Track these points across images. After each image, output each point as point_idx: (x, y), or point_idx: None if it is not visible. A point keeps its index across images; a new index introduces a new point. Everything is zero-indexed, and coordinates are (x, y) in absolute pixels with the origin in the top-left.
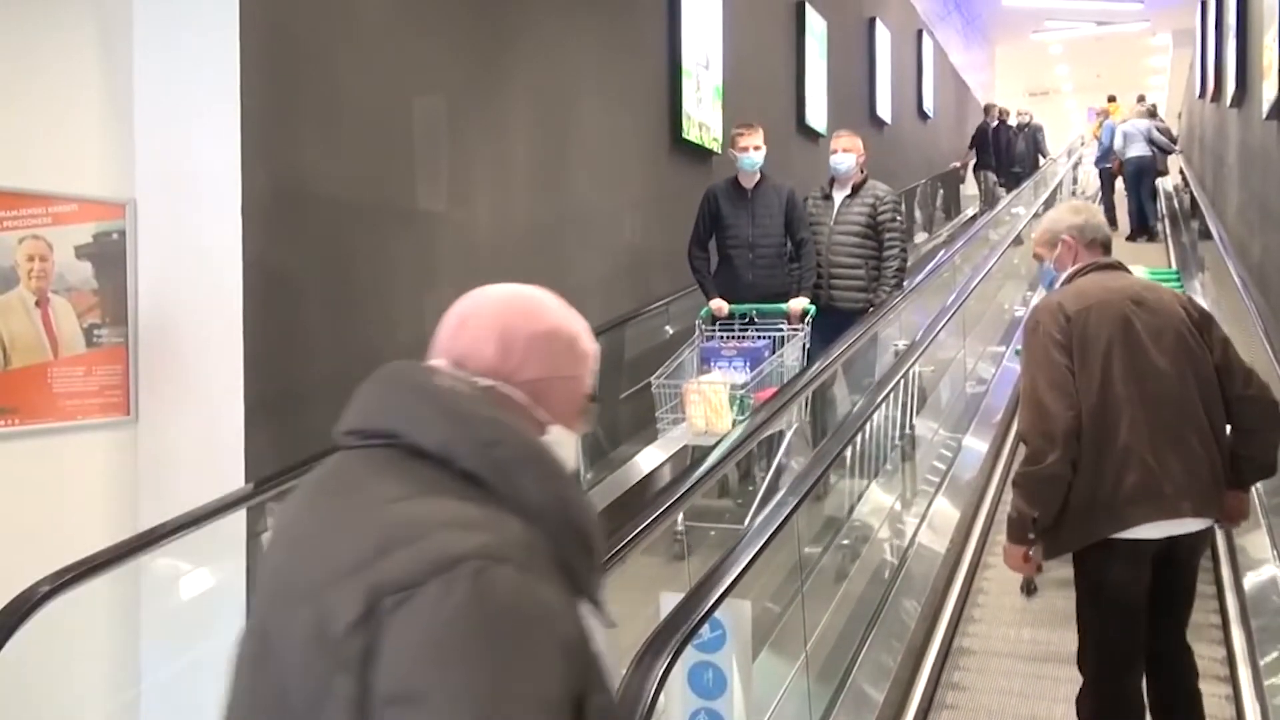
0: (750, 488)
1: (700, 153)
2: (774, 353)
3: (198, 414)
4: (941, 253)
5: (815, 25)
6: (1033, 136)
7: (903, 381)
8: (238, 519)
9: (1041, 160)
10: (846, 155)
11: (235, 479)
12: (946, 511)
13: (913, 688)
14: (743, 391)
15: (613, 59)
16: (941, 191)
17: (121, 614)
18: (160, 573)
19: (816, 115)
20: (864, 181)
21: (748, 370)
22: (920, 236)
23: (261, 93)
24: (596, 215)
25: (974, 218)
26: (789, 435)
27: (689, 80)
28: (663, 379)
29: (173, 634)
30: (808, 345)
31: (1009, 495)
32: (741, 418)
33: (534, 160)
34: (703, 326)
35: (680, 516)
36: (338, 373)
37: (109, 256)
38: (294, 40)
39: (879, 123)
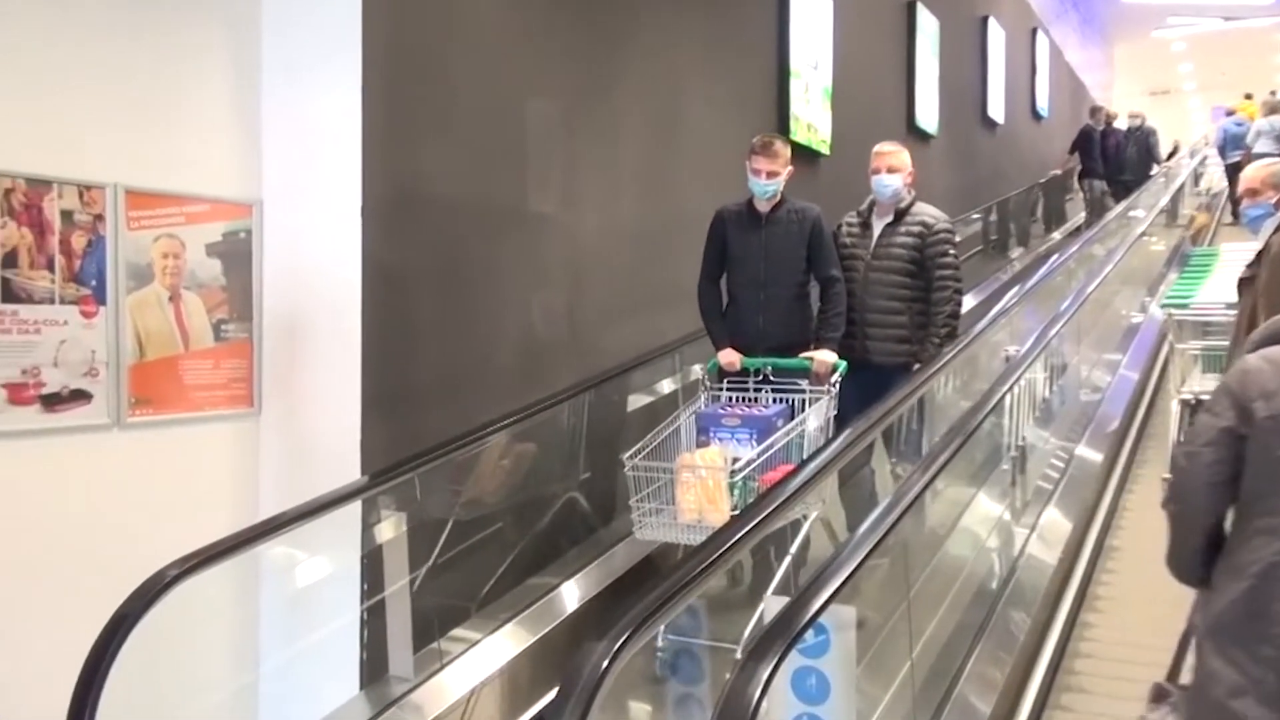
0: (742, 588)
1: (808, 154)
2: (792, 419)
3: (317, 407)
4: (1054, 257)
5: (927, 24)
6: (1145, 141)
7: (1014, 389)
8: (353, 510)
9: (1155, 167)
10: (892, 177)
11: (352, 471)
12: (1058, 523)
13: (1020, 701)
14: (744, 473)
15: (720, 61)
16: (1042, 200)
17: (242, 599)
18: (279, 560)
19: (927, 116)
20: (910, 205)
21: (753, 444)
22: (1015, 251)
23: (381, 99)
24: (702, 218)
25: (1077, 230)
26: (807, 525)
27: (797, 81)
28: (639, 458)
29: (290, 620)
30: (833, 412)
31: (1126, 504)
32: (740, 508)
33: (641, 162)
34: (708, 384)
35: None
36: (448, 371)
37: (236, 255)
38: (412, 48)
39: (991, 123)
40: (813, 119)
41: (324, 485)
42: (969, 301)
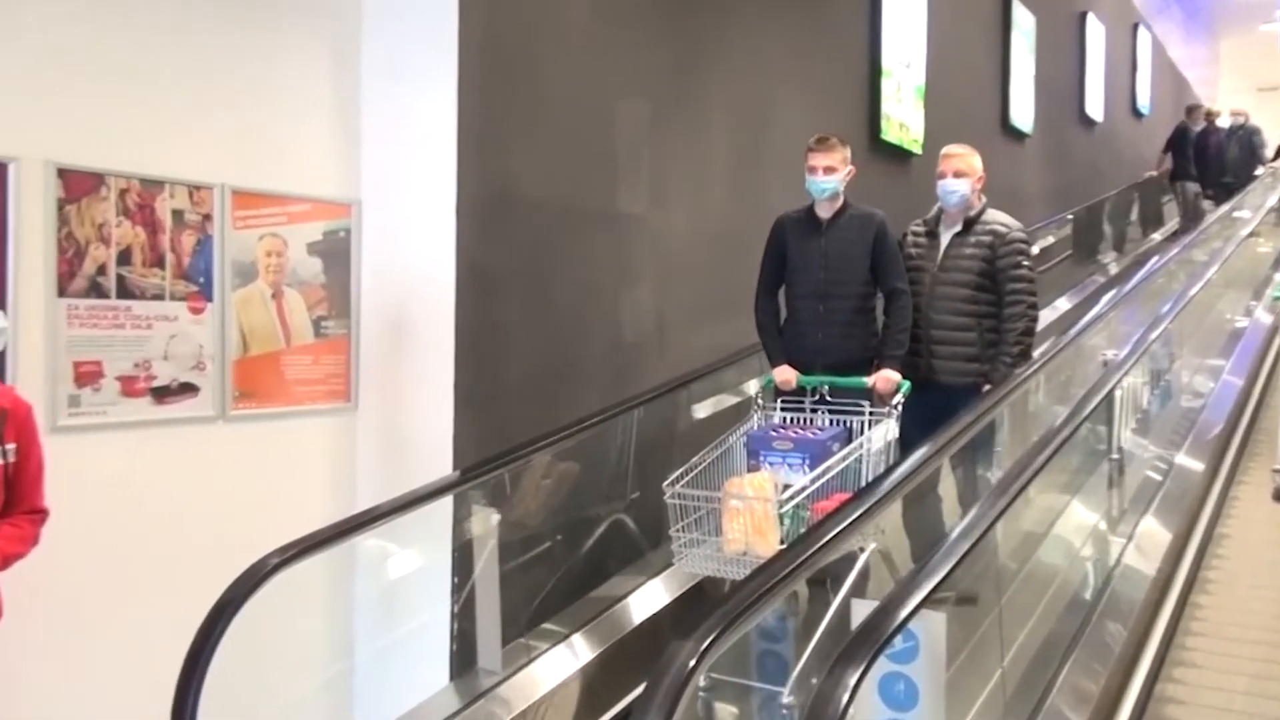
0: (793, 621)
1: (900, 154)
2: (849, 443)
3: (411, 403)
4: (1153, 260)
5: (1023, 21)
6: (1248, 140)
7: (1111, 394)
8: (445, 505)
9: (1260, 168)
10: (959, 182)
11: (444, 466)
12: (1156, 533)
13: (1115, 715)
14: (795, 501)
15: (811, 60)
16: (1138, 203)
17: (338, 589)
18: (373, 552)
19: (1022, 114)
20: (980, 213)
21: (806, 470)
22: (1109, 256)
23: (475, 99)
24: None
25: (1174, 235)
26: (864, 559)
27: (889, 80)
28: (680, 485)
29: (383, 611)
30: (895, 436)
31: (1230, 511)
32: (789, 539)
33: (730, 162)
34: (761, 402)
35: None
36: (537, 369)
37: (336, 253)
38: (506, 52)
39: (1089, 121)
40: (905, 118)
41: (417, 479)
42: (1063, 304)
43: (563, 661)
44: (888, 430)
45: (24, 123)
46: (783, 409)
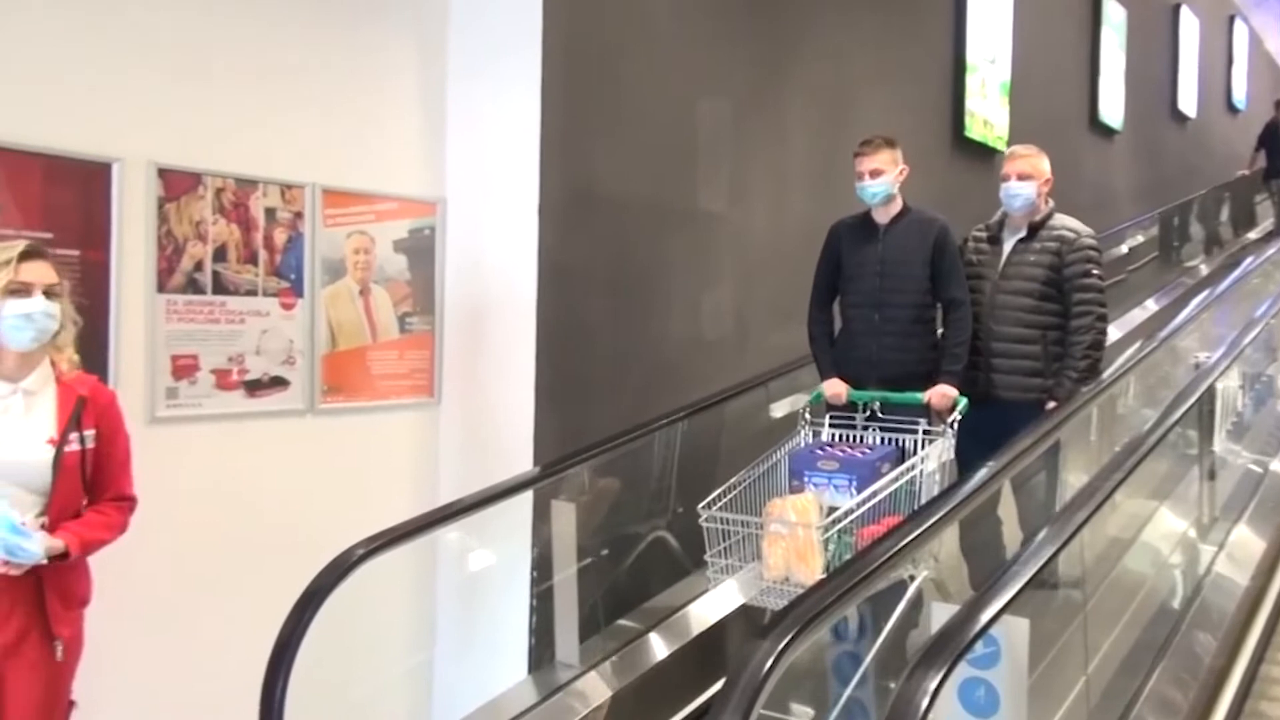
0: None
1: (984, 151)
2: (901, 463)
3: (493, 399)
4: (1247, 260)
5: (1113, 15)
6: None
7: (1203, 398)
8: (525, 500)
9: None
10: (1024, 185)
11: (524, 461)
12: (1250, 542)
13: None
14: (839, 525)
15: (893, 56)
16: (1229, 202)
17: (420, 581)
18: (455, 545)
19: (1111, 110)
20: (1047, 217)
21: (853, 492)
22: (1197, 258)
23: (558, 98)
24: None
25: (1268, 236)
26: (914, 588)
27: (973, 76)
28: (717, 508)
29: (463, 603)
30: (949, 455)
31: None
32: (833, 566)
33: (811, 160)
34: (809, 417)
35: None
36: (616, 366)
37: (421, 251)
38: (588, 51)
39: (1181, 117)
40: (989, 114)
41: (497, 474)
42: (1151, 305)
43: (640, 657)
44: (943, 450)
45: (127, 125)
46: (831, 425)
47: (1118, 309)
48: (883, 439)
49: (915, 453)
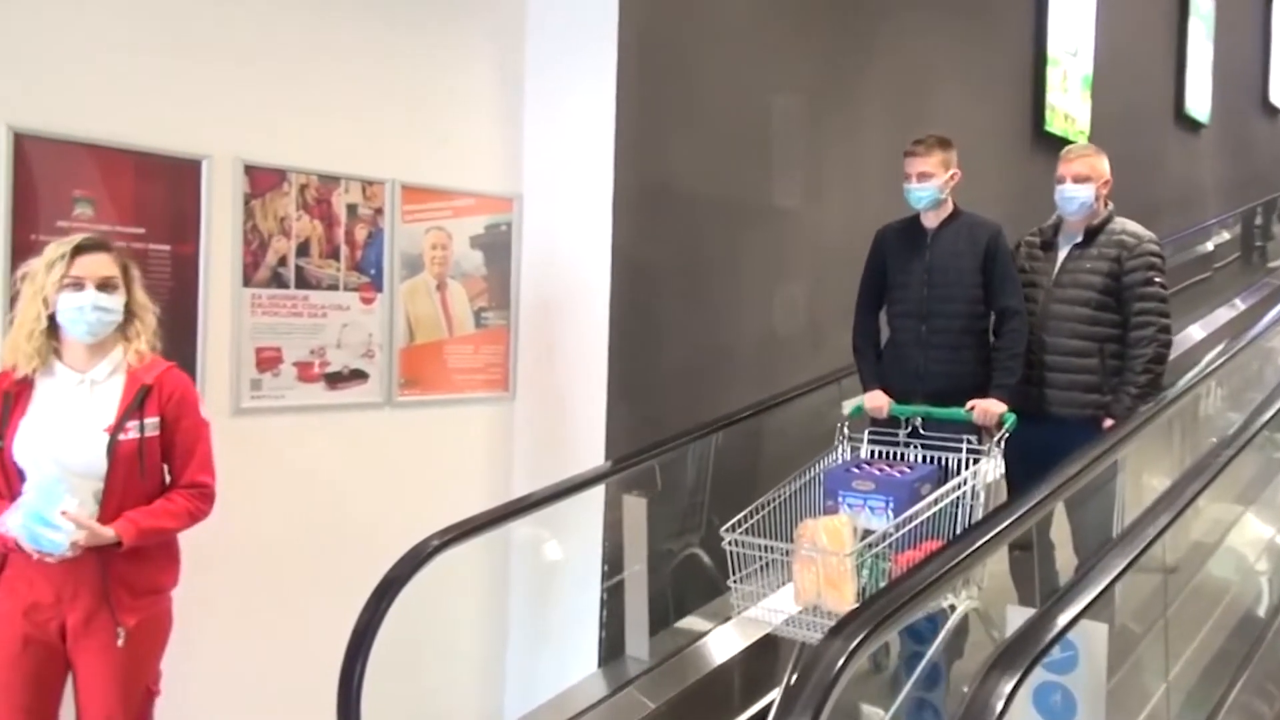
0: (884, 674)
1: (1064, 145)
2: (942, 484)
3: (566, 394)
4: None
5: (1201, 4)
6: None
7: None
8: (597, 494)
9: None
10: (1080, 187)
11: (596, 456)
12: None
13: None
14: (874, 550)
15: (972, 50)
16: None
17: (493, 573)
18: (528, 538)
19: (1198, 103)
20: (1105, 221)
21: (890, 514)
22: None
23: (633, 95)
24: None
25: None
26: (955, 619)
27: (1054, 69)
28: (740, 531)
29: (535, 595)
30: (996, 476)
31: None
32: (869, 593)
33: (886, 157)
34: (847, 432)
35: None
36: (688, 362)
37: (497, 246)
38: (664, 47)
39: (1272, 110)
40: (1070, 108)
41: (570, 468)
42: (1239, 304)
43: (711, 653)
44: (989, 470)
45: (215, 123)
46: (871, 441)
47: (1203, 307)
48: (925, 457)
49: (959, 472)
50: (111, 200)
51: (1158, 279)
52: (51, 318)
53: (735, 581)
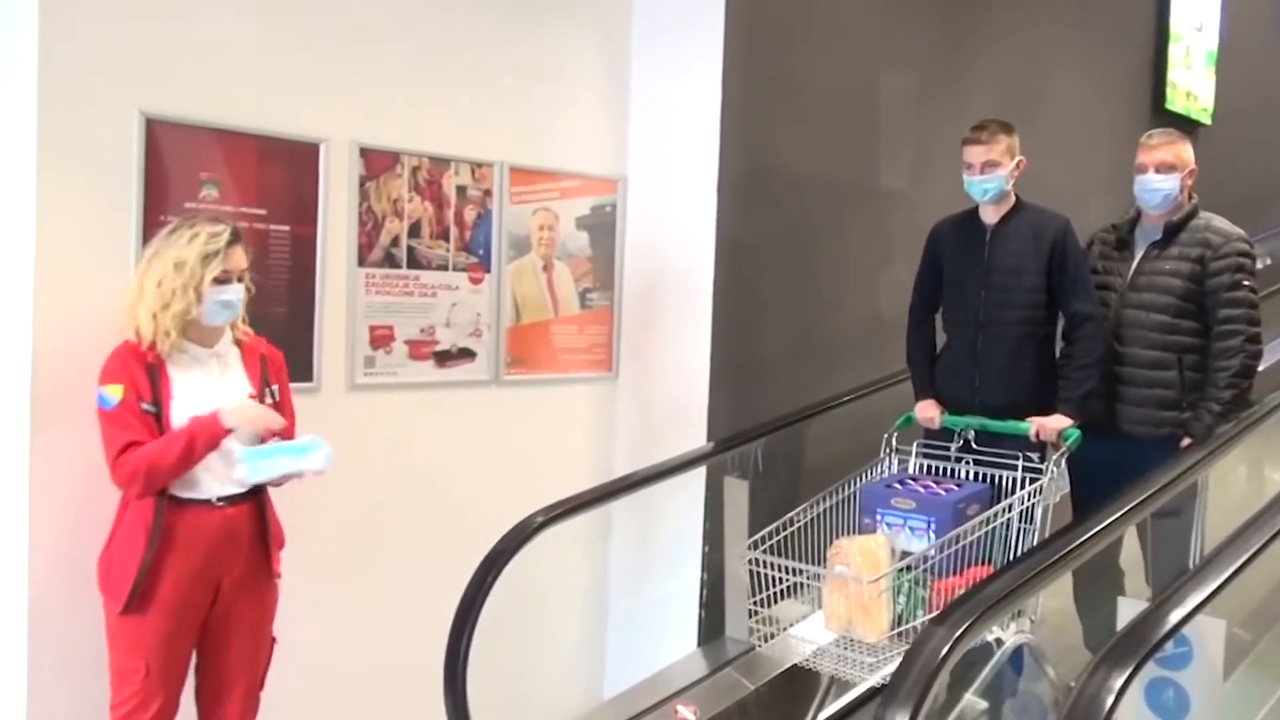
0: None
1: (1186, 125)
2: (993, 505)
3: (668, 375)
4: None
5: None
6: None
7: None
8: (698, 475)
9: None
10: (1164, 179)
11: (698, 437)
12: None
13: None
14: (911, 573)
15: (1088, 25)
16: None
17: (595, 550)
18: (628, 517)
19: None
20: (1188, 217)
21: (931, 536)
22: None
23: (739, 76)
24: (1063, 194)
25: None
26: (1001, 655)
27: (1177, 45)
28: (762, 550)
29: (636, 574)
30: (1055, 499)
31: None
32: (910, 621)
33: None
34: (894, 444)
35: None
36: (792, 345)
37: (602, 227)
38: (770, 28)
39: None
40: (1193, 85)
41: (672, 449)
42: None
43: (810, 635)
44: (1047, 491)
45: (332, 107)
46: (921, 455)
47: None
48: (976, 475)
49: (1013, 493)
50: (235, 182)
51: (1246, 282)
52: None
53: (755, 604)
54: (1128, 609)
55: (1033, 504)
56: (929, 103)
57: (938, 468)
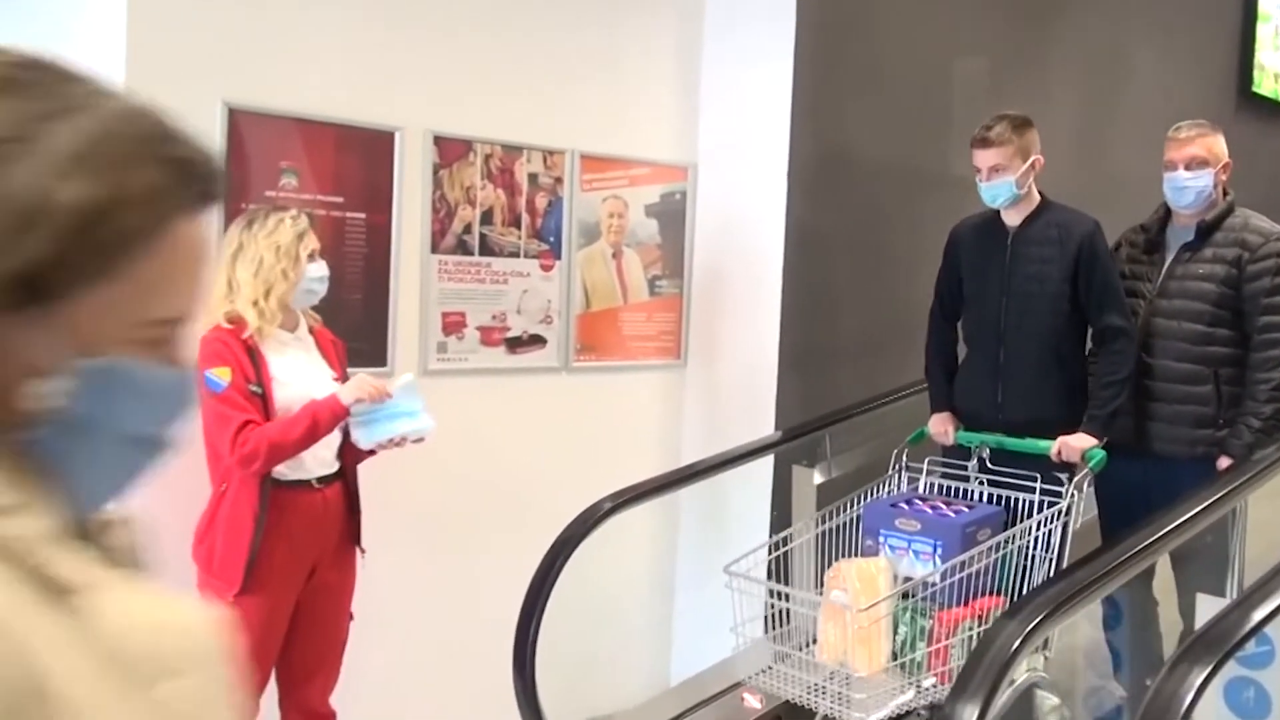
0: None
1: (1274, 108)
2: (1007, 528)
3: (737, 363)
4: None
5: None
6: None
7: None
8: (765, 463)
9: None
10: (1197, 175)
11: (766, 426)
12: None
13: None
14: (910, 601)
15: (1172, 5)
16: None
17: (662, 537)
18: (696, 504)
19: None
20: (1223, 215)
21: (936, 561)
22: None
23: (811, 62)
24: (1144, 181)
25: None
26: (1006, 697)
27: (1265, 25)
28: (742, 570)
29: (703, 561)
30: (1074, 522)
31: None
32: (911, 654)
33: (1076, 123)
34: (902, 460)
35: None
36: (863, 333)
37: (671, 215)
38: (842, 12)
39: None
40: None
41: (739, 437)
42: None
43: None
44: (1066, 516)
45: (407, 96)
46: (932, 473)
47: None
48: (991, 496)
49: (1032, 516)
50: (313, 171)
51: None
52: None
53: (738, 631)
54: (1208, 606)
55: (1049, 530)
56: (1005, 87)
57: (952, 488)
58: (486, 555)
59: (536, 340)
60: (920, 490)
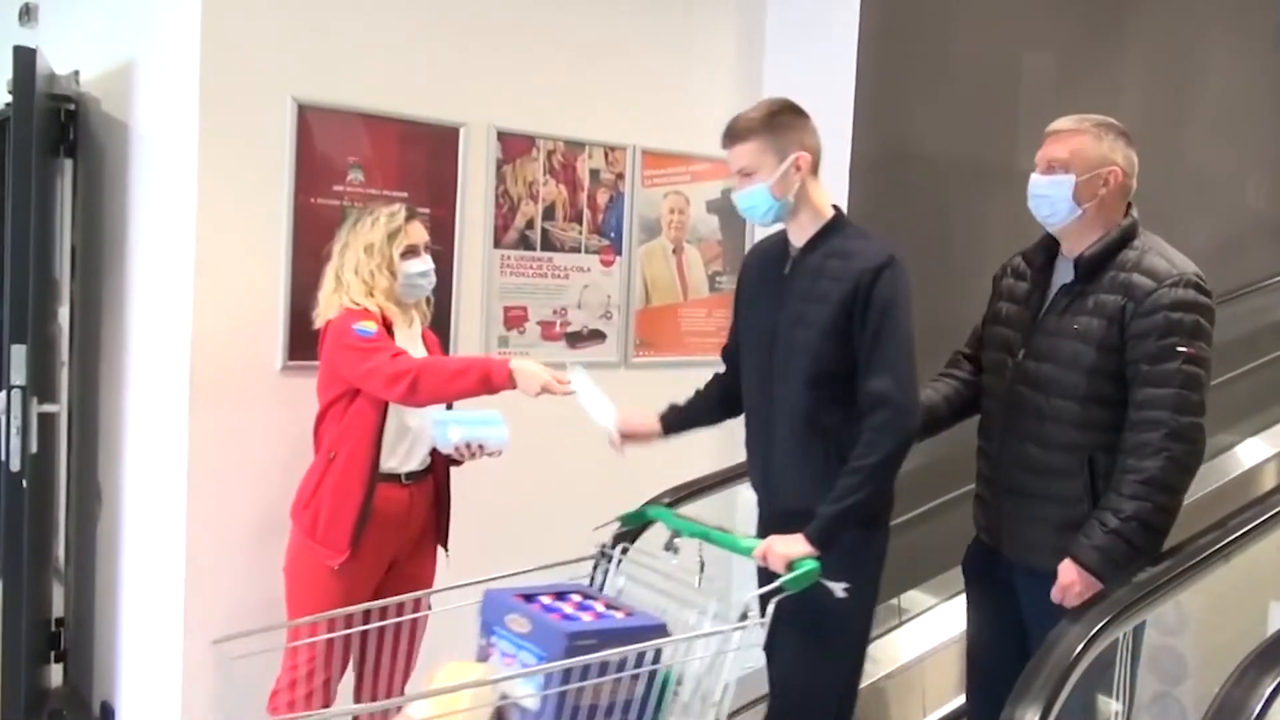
0: None
1: None
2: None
3: None
4: None
5: None
6: None
7: None
8: None
9: None
10: (1053, 181)
11: None
12: None
13: None
14: None
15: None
16: None
17: None
18: (752, 501)
19: None
20: (1115, 246)
21: (541, 678)
22: None
23: (874, 59)
24: (1215, 176)
25: None
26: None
27: None
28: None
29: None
30: (739, 667)
31: None
32: None
33: (1146, 116)
34: (606, 547)
35: None
36: (926, 328)
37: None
38: (908, 8)
39: None
40: None
41: None
42: None
43: (934, 628)
44: (725, 645)
45: (471, 92)
46: (636, 558)
47: None
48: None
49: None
50: (379, 166)
51: (1182, 348)
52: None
53: None
54: (1278, 613)
55: (716, 658)
56: (1073, 82)
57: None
58: (543, 550)
59: (596, 335)
60: (608, 583)
